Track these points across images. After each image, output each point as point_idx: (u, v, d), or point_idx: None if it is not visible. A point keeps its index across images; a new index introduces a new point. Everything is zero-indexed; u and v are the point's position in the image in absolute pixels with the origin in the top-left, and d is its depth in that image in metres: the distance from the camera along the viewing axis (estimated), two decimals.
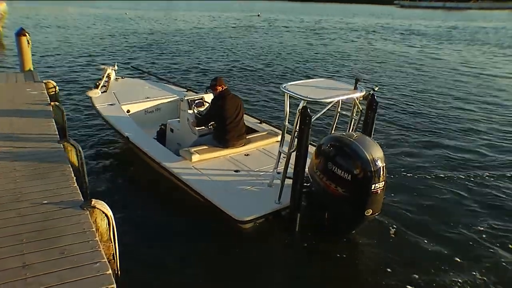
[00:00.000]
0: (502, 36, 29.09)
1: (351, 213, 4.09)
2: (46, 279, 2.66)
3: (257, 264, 4.14)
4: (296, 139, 4.24)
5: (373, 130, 4.59)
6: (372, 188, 3.92)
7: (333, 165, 4.05)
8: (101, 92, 7.32)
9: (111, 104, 6.93)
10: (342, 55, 18.02)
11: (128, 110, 6.92)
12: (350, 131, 4.85)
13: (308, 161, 4.38)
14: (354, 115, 4.80)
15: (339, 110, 4.97)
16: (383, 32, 29.43)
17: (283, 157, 4.53)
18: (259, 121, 6.74)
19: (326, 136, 4.45)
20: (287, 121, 4.42)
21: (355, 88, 4.43)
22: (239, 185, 4.80)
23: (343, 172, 3.97)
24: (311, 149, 4.40)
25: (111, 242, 3.40)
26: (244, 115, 6.60)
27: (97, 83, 7.50)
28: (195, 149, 5.37)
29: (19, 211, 3.40)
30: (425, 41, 24.33)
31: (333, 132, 5.08)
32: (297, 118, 4.17)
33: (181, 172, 4.97)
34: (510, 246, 4.55)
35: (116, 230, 3.41)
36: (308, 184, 4.48)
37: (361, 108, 4.63)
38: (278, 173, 4.70)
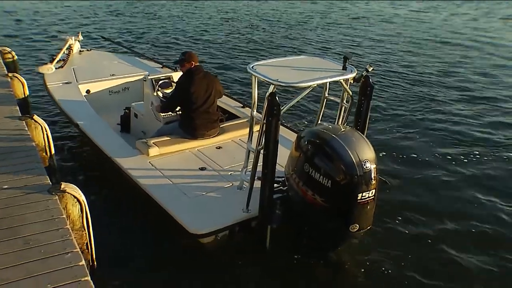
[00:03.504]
0: None
1: (333, 228, 3.58)
2: (10, 273, 2.59)
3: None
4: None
5: (367, 122, 4.00)
6: (359, 197, 3.45)
7: (310, 167, 3.55)
8: (56, 68, 6.80)
9: (66, 83, 6.48)
10: (330, 26, 16.64)
11: (87, 90, 6.50)
12: (340, 122, 4.26)
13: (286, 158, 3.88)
14: (344, 102, 4.21)
15: (326, 95, 4.37)
16: None
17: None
18: (241, 105, 6.16)
19: (306, 129, 3.90)
20: (255, 111, 3.87)
21: (344, 68, 3.80)
22: (202, 188, 4.37)
23: (321, 177, 3.50)
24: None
25: (85, 230, 3.34)
26: (225, 97, 6.08)
27: (54, 57, 6.95)
28: (154, 140, 4.91)
29: None
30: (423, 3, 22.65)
31: (318, 123, 4.49)
32: (265, 105, 3.62)
33: (132, 170, 4.49)
34: None
35: (91, 217, 3.36)
36: (285, 188, 3.93)
37: (351, 93, 4.00)
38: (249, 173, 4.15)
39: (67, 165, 5.66)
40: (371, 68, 3.97)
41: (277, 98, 3.46)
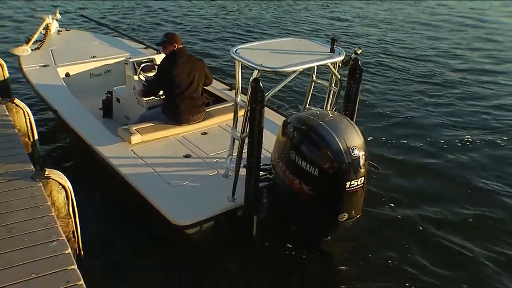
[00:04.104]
0: None
1: (320, 218, 3.54)
2: None
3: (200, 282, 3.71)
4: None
5: (356, 107, 3.91)
6: (347, 186, 3.39)
7: (296, 155, 3.47)
8: (32, 50, 6.55)
9: (43, 66, 6.26)
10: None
11: (66, 73, 6.31)
12: (328, 107, 4.16)
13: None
14: (333, 86, 4.11)
15: (314, 79, 4.26)
16: None
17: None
18: (228, 88, 6.03)
19: (293, 115, 3.80)
20: (239, 96, 3.75)
21: (332, 50, 3.69)
22: (186, 176, 4.27)
23: (308, 165, 3.43)
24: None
25: (70, 217, 3.31)
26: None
27: (30, 37, 6.70)
28: (136, 127, 4.79)
29: None
30: None
31: (306, 108, 4.38)
32: (249, 91, 3.51)
33: (113, 159, 4.40)
34: None
35: (77, 204, 3.32)
36: (271, 176, 3.86)
37: (339, 77, 3.90)
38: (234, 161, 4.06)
39: (51, 151, 5.53)
40: (360, 51, 3.86)
41: (261, 84, 3.34)
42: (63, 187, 3.24)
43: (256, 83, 3.34)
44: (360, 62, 3.87)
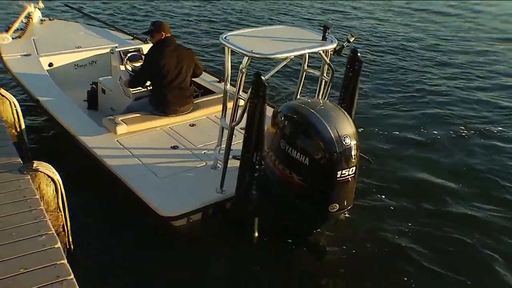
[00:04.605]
0: None
1: (311, 209, 3.52)
2: None
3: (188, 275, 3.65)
4: (239, 109, 3.55)
5: (355, 101, 3.94)
6: (338, 175, 3.37)
7: (286, 144, 3.44)
8: (13, 38, 6.41)
9: (25, 55, 6.13)
10: None
11: (50, 63, 6.17)
12: (320, 96, 4.12)
13: None
14: (325, 75, 4.07)
15: (305, 68, 4.22)
16: None
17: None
18: (217, 80, 5.96)
19: (284, 103, 3.76)
20: (228, 84, 3.71)
21: (324, 38, 3.65)
22: (173, 167, 4.22)
23: (298, 154, 3.40)
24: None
25: (60, 211, 3.26)
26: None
27: (10, 25, 6.56)
28: (122, 118, 4.73)
29: None
30: None
31: (297, 98, 4.34)
32: (239, 79, 3.48)
33: (98, 149, 4.33)
34: None
35: (67, 198, 3.27)
36: (261, 167, 3.80)
37: (332, 66, 3.86)
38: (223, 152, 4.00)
39: (40, 142, 5.39)
40: (353, 38, 3.83)
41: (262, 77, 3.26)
42: (52, 180, 3.19)
43: (258, 77, 3.25)
44: (359, 54, 3.81)
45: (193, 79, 5.48)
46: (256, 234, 3.78)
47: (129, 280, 3.58)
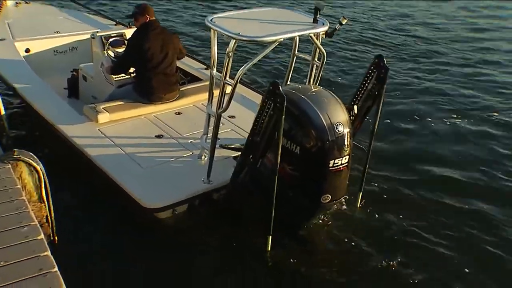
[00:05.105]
0: None
1: (302, 200, 3.43)
2: None
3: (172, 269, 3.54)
4: (226, 96, 3.41)
5: (379, 116, 3.75)
6: (331, 165, 3.27)
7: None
8: None
9: (0, 40, 5.86)
10: None
11: (27, 49, 5.93)
12: (311, 82, 4.01)
13: None
14: (316, 59, 3.94)
15: (296, 52, 4.10)
16: None
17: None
18: (205, 67, 5.81)
19: None
20: (215, 70, 3.56)
21: (315, 20, 3.51)
22: (158, 157, 4.10)
23: (289, 143, 3.29)
24: None
25: (44, 202, 3.17)
26: (187, 58, 5.73)
27: None
28: (104, 106, 4.57)
29: None
30: None
31: (288, 83, 4.22)
32: (225, 64, 3.39)
33: (78, 138, 4.20)
34: None
35: (51, 188, 3.16)
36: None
37: (323, 50, 3.72)
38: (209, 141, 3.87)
39: (22, 130, 5.22)
40: (345, 21, 3.71)
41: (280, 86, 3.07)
42: (35, 169, 3.07)
43: (275, 86, 3.04)
44: (385, 61, 3.55)
45: (179, 66, 5.34)
46: (269, 249, 3.60)
47: (115, 272, 3.48)
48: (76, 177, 4.33)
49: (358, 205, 4.11)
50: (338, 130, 3.20)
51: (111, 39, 5.14)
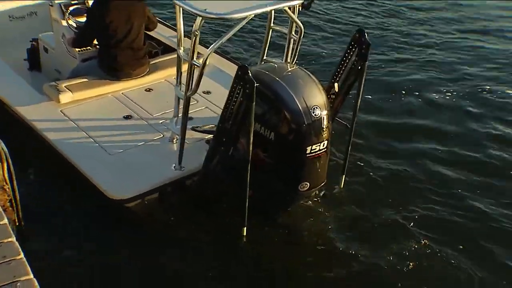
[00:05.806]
0: None
1: (278, 188, 3.30)
2: None
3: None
4: (194, 77, 3.21)
5: (361, 94, 3.55)
6: (308, 151, 3.12)
7: None
8: None
9: None
10: None
11: None
12: (289, 59, 3.81)
13: None
14: (293, 33, 3.69)
15: (272, 25, 3.84)
16: None
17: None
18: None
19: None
20: (182, 49, 3.33)
21: None
22: (126, 141, 3.90)
23: (263, 128, 3.12)
24: None
25: (7, 183, 3.12)
26: (159, 26, 5.35)
27: None
28: (66, 84, 4.31)
29: None
30: None
31: (264, 60, 3.99)
32: (192, 43, 3.14)
33: (38, 122, 3.96)
34: None
35: (15, 170, 3.08)
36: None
37: (300, 24, 3.48)
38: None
39: None
40: None
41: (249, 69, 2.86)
42: None
43: (244, 71, 2.84)
44: (367, 35, 3.33)
45: (151, 34, 5.01)
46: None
47: (86, 256, 3.39)
48: (46, 159, 4.10)
49: (341, 186, 3.98)
50: (315, 114, 3.04)
51: (71, 8, 4.75)
